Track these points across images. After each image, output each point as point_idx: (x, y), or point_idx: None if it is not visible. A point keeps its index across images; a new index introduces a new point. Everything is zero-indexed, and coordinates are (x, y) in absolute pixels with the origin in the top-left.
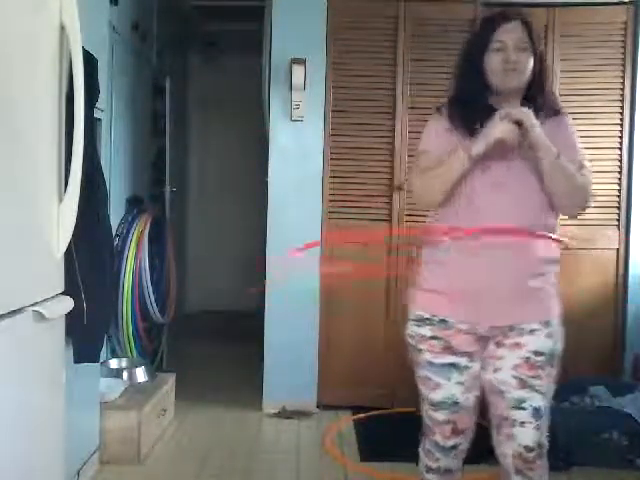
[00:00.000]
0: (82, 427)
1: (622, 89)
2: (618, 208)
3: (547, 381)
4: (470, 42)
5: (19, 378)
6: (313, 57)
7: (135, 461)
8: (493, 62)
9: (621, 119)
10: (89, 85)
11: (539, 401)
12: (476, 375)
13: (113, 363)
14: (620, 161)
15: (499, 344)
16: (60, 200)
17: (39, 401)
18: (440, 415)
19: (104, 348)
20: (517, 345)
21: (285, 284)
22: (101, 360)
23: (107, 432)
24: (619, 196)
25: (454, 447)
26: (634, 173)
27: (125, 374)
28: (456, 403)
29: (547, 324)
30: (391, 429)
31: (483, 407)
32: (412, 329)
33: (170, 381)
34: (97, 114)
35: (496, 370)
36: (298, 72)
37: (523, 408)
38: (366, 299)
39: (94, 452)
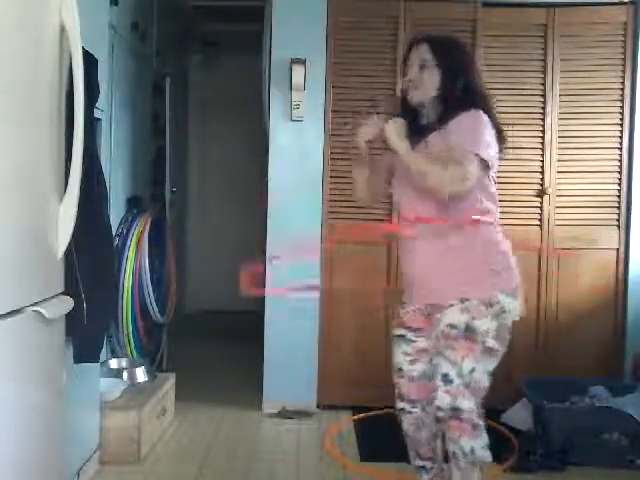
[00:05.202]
0: (82, 427)
1: (622, 89)
2: (618, 208)
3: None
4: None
5: (19, 378)
6: (313, 57)
7: (135, 461)
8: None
9: (621, 119)
10: (89, 85)
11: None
12: None
13: (113, 363)
14: (620, 161)
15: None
16: (60, 200)
17: (39, 401)
18: None
19: (104, 348)
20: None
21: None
22: (101, 360)
23: (107, 432)
24: (619, 196)
25: None
26: (634, 173)
27: (125, 374)
28: None
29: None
30: (391, 429)
31: None
32: None
33: (170, 381)
34: (97, 114)
35: None
36: (298, 72)
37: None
38: (366, 299)
39: (94, 452)
